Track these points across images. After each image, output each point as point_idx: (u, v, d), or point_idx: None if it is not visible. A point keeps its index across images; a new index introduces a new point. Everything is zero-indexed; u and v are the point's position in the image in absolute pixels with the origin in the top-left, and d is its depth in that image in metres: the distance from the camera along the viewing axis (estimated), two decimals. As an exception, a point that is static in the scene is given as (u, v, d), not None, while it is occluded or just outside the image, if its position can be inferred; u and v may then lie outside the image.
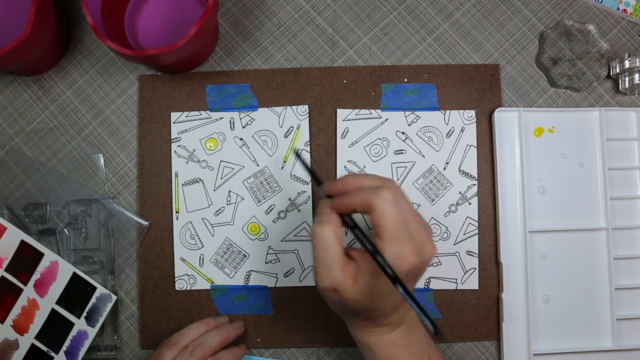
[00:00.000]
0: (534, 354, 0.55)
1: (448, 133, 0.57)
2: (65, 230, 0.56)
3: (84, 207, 0.57)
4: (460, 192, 0.57)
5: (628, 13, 0.59)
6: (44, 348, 0.53)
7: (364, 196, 0.40)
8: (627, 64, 0.56)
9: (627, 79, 0.57)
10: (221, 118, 0.58)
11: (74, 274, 0.54)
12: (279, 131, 0.57)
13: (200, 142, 0.57)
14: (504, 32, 0.59)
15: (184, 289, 0.56)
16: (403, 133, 0.58)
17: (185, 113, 0.58)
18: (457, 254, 0.57)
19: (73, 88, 0.59)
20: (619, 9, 0.59)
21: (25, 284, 0.53)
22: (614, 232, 0.56)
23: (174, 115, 0.58)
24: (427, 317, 0.37)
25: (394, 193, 0.40)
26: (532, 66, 0.59)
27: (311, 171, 0.47)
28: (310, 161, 0.56)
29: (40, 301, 0.53)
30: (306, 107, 0.58)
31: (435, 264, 0.57)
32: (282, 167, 0.57)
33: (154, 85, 0.58)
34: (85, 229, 0.56)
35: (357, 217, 0.43)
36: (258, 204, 0.57)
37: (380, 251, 0.39)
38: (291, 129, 0.57)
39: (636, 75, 0.56)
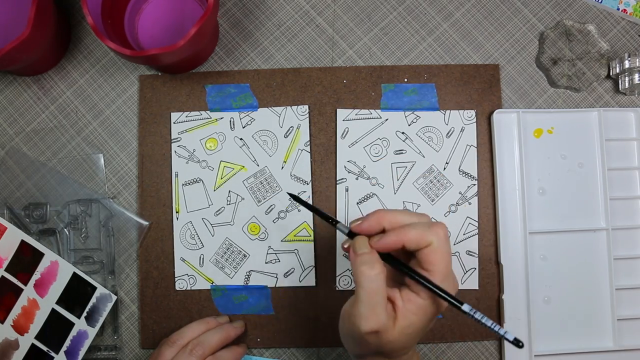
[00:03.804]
0: (535, 355, 0.55)
1: (448, 133, 0.58)
2: (65, 230, 0.56)
3: (84, 207, 0.57)
4: (460, 192, 0.57)
5: (628, 13, 0.59)
6: (44, 348, 0.53)
7: (419, 232, 0.39)
8: (626, 64, 0.56)
9: (626, 79, 0.57)
10: (221, 118, 0.58)
11: (74, 274, 0.54)
12: (279, 131, 0.57)
13: (200, 142, 0.57)
14: (504, 32, 0.59)
15: (184, 288, 0.56)
16: (403, 133, 0.58)
17: (186, 113, 0.58)
18: (457, 253, 0.57)
19: (73, 88, 0.59)
20: (618, 9, 0.59)
21: (26, 284, 0.53)
22: (614, 233, 0.56)
23: (174, 116, 0.58)
24: (498, 332, 0.37)
25: (447, 233, 0.40)
26: (532, 66, 0.59)
27: (324, 214, 0.45)
28: (316, 206, 0.54)
29: (41, 301, 0.53)
30: (306, 107, 0.58)
31: (435, 264, 0.57)
32: (282, 167, 0.57)
33: (154, 85, 0.58)
34: (86, 229, 0.57)
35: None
36: (258, 204, 0.57)
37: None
38: (291, 129, 0.57)
39: (636, 75, 0.56)
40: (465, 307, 0.38)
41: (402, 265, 0.40)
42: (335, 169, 0.57)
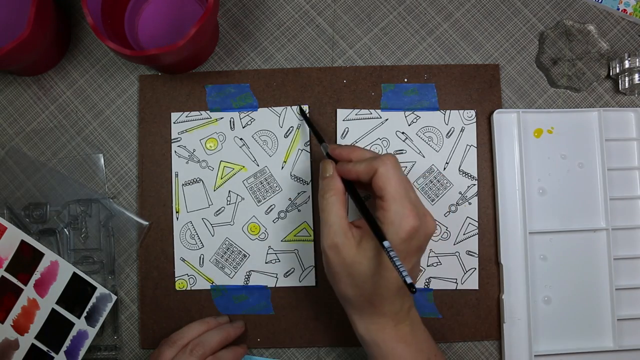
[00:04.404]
0: (535, 355, 0.55)
1: (448, 133, 0.58)
2: (65, 230, 0.56)
3: (84, 207, 0.57)
4: (460, 192, 0.57)
5: (628, 13, 0.59)
6: (44, 348, 0.53)
7: (369, 163, 0.44)
8: (627, 64, 0.56)
9: (627, 79, 0.57)
10: (221, 118, 0.58)
11: (74, 274, 0.54)
12: (279, 131, 0.57)
13: (200, 142, 0.57)
14: (504, 32, 0.59)
15: (184, 288, 0.56)
16: (403, 133, 0.58)
17: (186, 113, 0.58)
18: (457, 253, 0.57)
19: (73, 88, 0.59)
20: (618, 9, 0.59)
21: (26, 284, 0.53)
22: (614, 233, 0.56)
23: (174, 116, 0.58)
24: (405, 281, 0.38)
25: (395, 161, 0.44)
26: (532, 66, 0.59)
27: (314, 129, 0.54)
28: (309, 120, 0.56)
29: (41, 301, 0.53)
30: (306, 107, 0.58)
31: (435, 264, 0.57)
32: (282, 167, 0.57)
33: (154, 85, 0.58)
34: (86, 229, 0.57)
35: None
36: (258, 204, 0.57)
37: (383, 211, 0.43)
38: (291, 129, 0.57)
39: (636, 75, 0.56)
40: (386, 244, 0.40)
41: (353, 195, 0.46)
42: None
